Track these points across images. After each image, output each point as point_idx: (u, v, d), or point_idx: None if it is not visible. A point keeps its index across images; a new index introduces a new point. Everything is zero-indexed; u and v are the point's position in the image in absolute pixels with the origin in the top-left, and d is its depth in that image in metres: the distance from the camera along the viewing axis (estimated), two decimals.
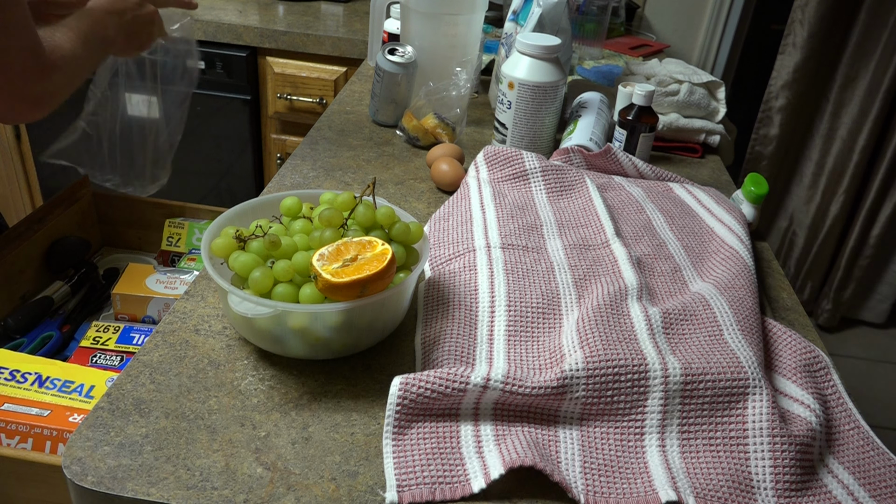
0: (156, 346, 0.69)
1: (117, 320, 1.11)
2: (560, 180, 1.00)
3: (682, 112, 1.24)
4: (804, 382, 0.69)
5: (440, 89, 1.14)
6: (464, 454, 0.59)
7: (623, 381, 0.63)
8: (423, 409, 0.61)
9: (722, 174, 1.20)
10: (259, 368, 0.67)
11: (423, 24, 1.20)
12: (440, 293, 0.77)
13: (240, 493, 0.55)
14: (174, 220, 1.28)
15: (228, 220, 0.73)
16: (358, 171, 1.06)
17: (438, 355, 0.68)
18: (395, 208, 0.72)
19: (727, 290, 0.78)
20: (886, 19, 2.06)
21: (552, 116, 1.10)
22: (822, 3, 2.04)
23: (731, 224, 0.92)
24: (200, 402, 0.63)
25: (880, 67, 2.10)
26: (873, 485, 0.62)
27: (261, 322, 0.64)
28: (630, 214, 0.95)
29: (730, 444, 0.62)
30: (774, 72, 2.20)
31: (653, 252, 0.87)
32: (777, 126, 2.25)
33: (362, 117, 1.25)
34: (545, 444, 0.61)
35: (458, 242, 0.86)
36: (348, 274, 0.61)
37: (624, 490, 0.58)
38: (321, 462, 0.58)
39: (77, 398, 0.88)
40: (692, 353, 0.68)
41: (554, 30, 1.16)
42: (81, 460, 0.56)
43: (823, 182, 2.30)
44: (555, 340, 0.71)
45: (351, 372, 0.68)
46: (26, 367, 0.91)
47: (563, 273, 0.81)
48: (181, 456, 0.57)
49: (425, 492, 0.56)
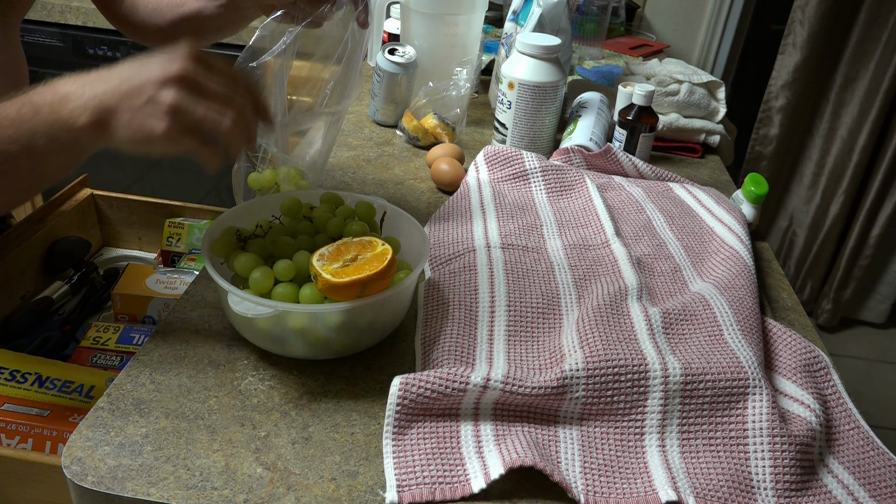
0: (156, 346, 0.69)
1: (117, 320, 1.11)
2: (560, 180, 1.00)
3: (682, 112, 1.24)
4: (804, 382, 0.69)
5: (440, 89, 1.14)
6: (464, 454, 0.59)
7: (623, 381, 0.63)
8: (423, 409, 0.61)
9: (722, 174, 1.20)
10: (259, 368, 0.67)
11: (423, 24, 1.20)
12: (440, 293, 0.77)
13: (240, 493, 0.55)
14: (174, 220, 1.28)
15: (228, 220, 0.73)
16: (358, 171, 1.06)
17: (438, 355, 0.68)
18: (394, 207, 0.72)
19: (727, 290, 0.78)
20: (886, 19, 2.06)
21: (552, 116, 1.10)
22: (822, 3, 2.04)
23: (731, 224, 0.92)
24: (200, 402, 0.63)
25: (880, 67, 2.10)
26: (873, 485, 0.62)
27: (261, 322, 0.64)
28: (630, 214, 0.95)
29: (730, 444, 0.62)
30: (774, 72, 2.20)
31: (653, 252, 0.87)
32: (777, 126, 2.25)
33: (362, 117, 1.25)
34: (545, 444, 0.61)
35: (458, 242, 0.86)
36: (348, 274, 0.61)
37: (624, 490, 0.58)
38: (321, 462, 0.58)
39: (77, 398, 0.88)
40: (692, 353, 0.68)
41: (554, 30, 1.16)
42: (81, 460, 0.56)
43: (823, 182, 2.30)
44: (555, 340, 0.71)
45: (351, 372, 0.68)
46: (26, 367, 0.91)
47: (563, 273, 0.81)
48: (181, 456, 0.57)
49: (425, 492, 0.56)
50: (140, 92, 0.56)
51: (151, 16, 0.94)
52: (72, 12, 1.70)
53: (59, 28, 1.73)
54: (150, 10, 0.93)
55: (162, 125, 0.56)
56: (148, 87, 0.56)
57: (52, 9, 1.70)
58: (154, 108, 0.56)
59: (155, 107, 0.56)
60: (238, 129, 0.59)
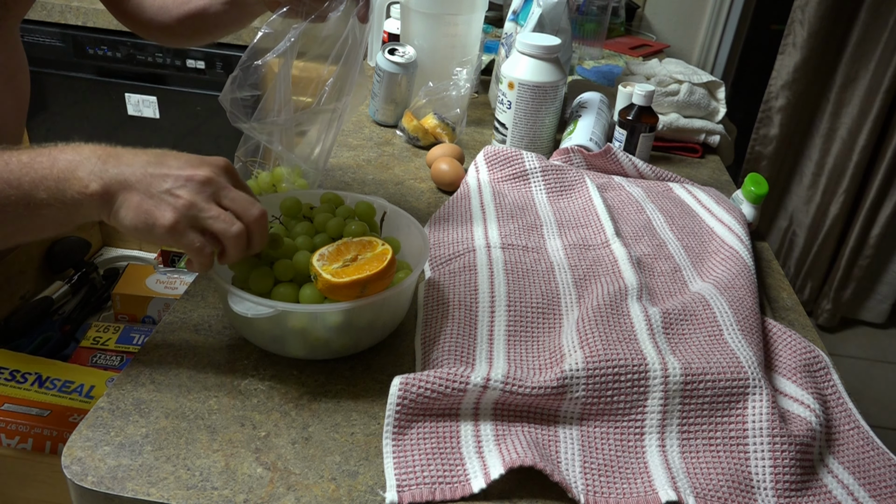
0: (156, 346, 0.69)
1: (117, 320, 1.11)
2: (560, 180, 1.00)
3: (682, 112, 1.24)
4: (804, 382, 0.69)
5: (440, 89, 1.14)
6: (464, 454, 0.59)
7: (623, 381, 0.63)
8: (423, 409, 0.61)
9: (722, 174, 1.20)
10: (259, 368, 0.67)
11: (423, 24, 1.20)
12: (440, 293, 0.77)
13: (240, 493, 0.55)
14: None
15: None
16: (358, 171, 1.06)
17: (438, 355, 0.68)
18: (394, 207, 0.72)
19: (727, 290, 0.78)
20: (886, 19, 2.06)
21: (552, 116, 1.10)
22: (822, 3, 2.04)
23: (731, 224, 0.92)
24: (200, 402, 0.63)
25: (880, 67, 2.10)
26: (873, 485, 0.62)
27: (261, 322, 0.64)
28: (630, 214, 0.95)
29: (730, 444, 0.62)
30: (774, 72, 2.20)
31: (653, 252, 0.87)
32: (777, 126, 2.25)
33: (362, 117, 1.25)
34: (545, 443, 0.61)
35: (458, 242, 0.86)
36: (348, 274, 0.61)
37: (624, 490, 0.58)
38: (321, 462, 0.58)
39: (77, 398, 0.88)
40: (692, 353, 0.68)
41: (554, 30, 1.16)
42: (81, 460, 0.56)
43: (823, 182, 2.30)
44: (555, 340, 0.71)
45: (351, 372, 0.68)
46: (26, 367, 0.91)
47: (563, 273, 0.81)
48: (181, 456, 0.57)
49: (425, 492, 0.56)
50: (162, 181, 0.57)
51: (158, 13, 0.94)
52: (72, 12, 1.70)
53: (59, 28, 1.73)
54: (157, 7, 0.94)
55: (170, 216, 0.56)
56: (170, 179, 0.57)
57: (52, 9, 1.70)
58: (169, 200, 0.57)
59: (170, 199, 0.57)
60: (241, 242, 0.59)
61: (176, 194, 0.57)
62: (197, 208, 0.57)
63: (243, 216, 0.59)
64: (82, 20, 1.70)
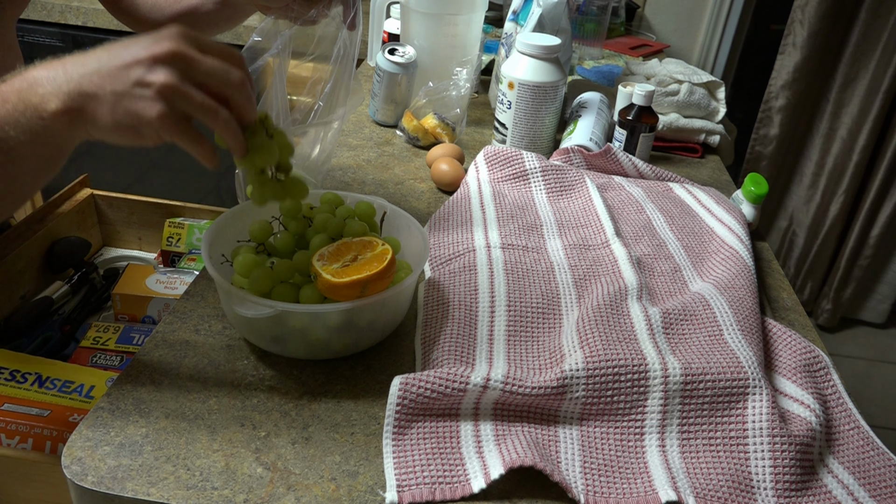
0: (156, 346, 0.69)
1: (117, 320, 1.11)
2: (560, 180, 1.00)
3: (682, 112, 1.24)
4: (804, 382, 0.69)
5: (440, 89, 1.14)
6: (464, 454, 0.59)
7: (623, 381, 0.63)
8: (423, 409, 0.61)
9: (722, 174, 1.20)
10: (259, 368, 0.67)
11: (423, 24, 1.20)
12: (440, 293, 0.77)
13: (240, 493, 0.55)
14: (174, 220, 1.28)
15: (228, 219, 0.73)
16: (358, 171, 1.06)
17: (438, 355, 0.68)
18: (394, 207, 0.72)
19: (727, 290, 0.78)
20: (886, 19, 2.06)
21: (552, 116, 1.10)
22: (822, 3, 2.04)
23: (731, 224, 0.92)
24: (200, 402, 0.63)
25: (880, 67, 2.10)
26: (873, 485, 0.62)
27: (261, 322, 0.64)
28: (630, 214, 0.95)
29: (730, 444, 0.62)
30: (774, 72, 2.20)
31: (653, 252, 0.87)
32: (777, 126, 2.25)
33: (362, 117, 1.25)
34: (545, 443, 0.61)
35: (458, 242, 0.86)
36: (348, 274, 0.61)
37: (624, 490, 0.58)
38: (321, 462, 0.58)
39: (77, 398, 0.88)
40: (692, 353, 0.68)
41: (554, 30, 1.16)
42: (81, 460, 0.56)
43: (823, 182, 2.30)
44: (555, 340, 0.71)
45: (351, 372, 0.68)
46: (26, 367, 0.91)
47: (563, 273, 0.81)
48: (181, 456, 0.57)
49: (425, 492, 0.56)
50: (125, 73, 0.49)
51: (151, 11, 0.95)
52: (72, 12, 1.70)
53: (59, 28, 1.73)
54: (150, 5, 0.95)
55: (154, 109, 0.49)
56: (135, 68, 0.49)
57: (52, 9, 1.70)
58: (143, 91, 0.49)
59: (144, 89, 0.49)
60: (232, 126, 0.53)
61: (147, 82, 0.49)
62: (177, 91, 0.50)
63: (224, 88, 0.52)
64: (82, 20, 1.70)
